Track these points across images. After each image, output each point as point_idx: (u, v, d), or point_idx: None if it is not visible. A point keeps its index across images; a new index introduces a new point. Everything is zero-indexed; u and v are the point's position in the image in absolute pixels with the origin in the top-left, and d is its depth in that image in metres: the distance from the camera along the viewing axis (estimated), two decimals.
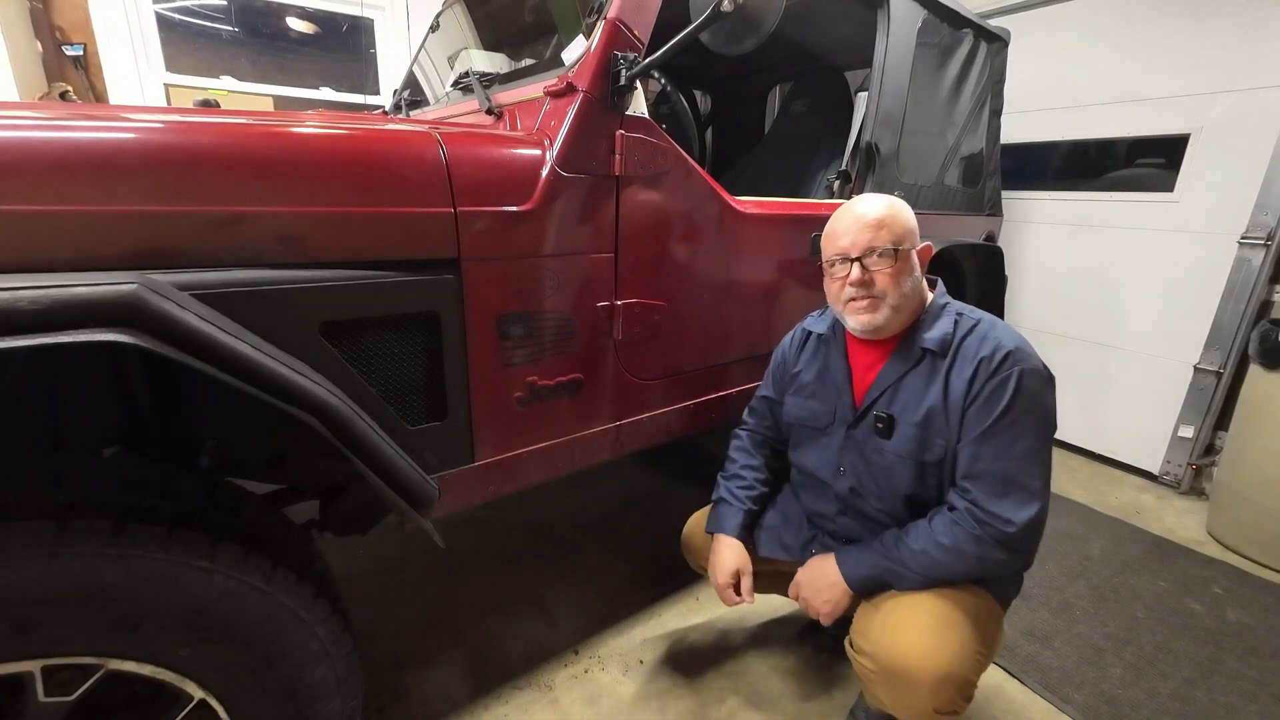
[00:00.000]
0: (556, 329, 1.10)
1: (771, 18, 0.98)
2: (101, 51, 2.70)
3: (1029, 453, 0.93)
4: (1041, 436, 0.95)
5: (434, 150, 0.91)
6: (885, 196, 1.07)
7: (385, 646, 1.44)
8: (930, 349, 1.01)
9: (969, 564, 0.95)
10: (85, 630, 0.65)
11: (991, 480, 0.93)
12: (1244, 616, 1.68)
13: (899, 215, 1.02)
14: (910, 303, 1.03)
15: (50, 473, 0.71)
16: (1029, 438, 0.93)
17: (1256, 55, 2.11)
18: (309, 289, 0.80)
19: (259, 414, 0.85)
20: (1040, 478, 0.94)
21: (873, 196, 1.07)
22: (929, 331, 1.02)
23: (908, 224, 1.03)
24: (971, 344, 0.98)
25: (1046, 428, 0.96)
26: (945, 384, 0.99)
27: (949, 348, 1.00)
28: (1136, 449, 2.57)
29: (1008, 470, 0.92)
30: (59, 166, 0.65)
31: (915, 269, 1.03)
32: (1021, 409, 0.93)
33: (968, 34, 1.93)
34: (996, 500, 0.93)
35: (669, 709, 1.30)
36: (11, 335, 0.53)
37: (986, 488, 0.94)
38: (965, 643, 0.92)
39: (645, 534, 1.97)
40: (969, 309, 1.05)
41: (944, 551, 0.95)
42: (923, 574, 0.97)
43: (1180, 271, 2.37)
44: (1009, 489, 0.92)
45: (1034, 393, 0.94)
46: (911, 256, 1.03)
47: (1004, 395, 0.93)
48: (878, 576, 1.01)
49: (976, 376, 0.96)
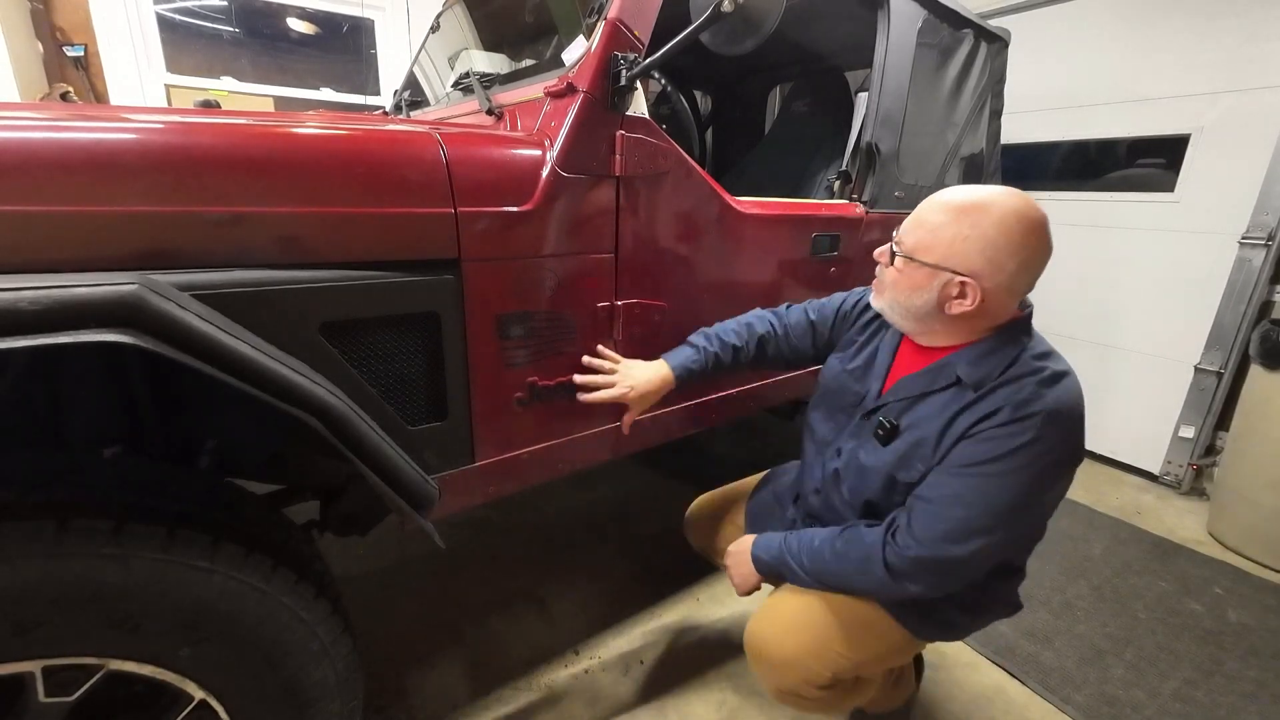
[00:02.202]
0: (557, 329, 1.10)
1: (772, 18, 0.98)
2: (102, 52, 2.70)
3: (991, 509, 0.84)
4: (1016, 504, 0.84)
5: (434, 150, 0.91)
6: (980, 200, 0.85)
7: (386, 647, 1.44)
8: (963, 380, 0.89)
9: (850, 571, 0.94)
10: (86, 630, 0.65)
11: (930, 511, 0.87)
12: (1244, 617, 1.68)
13: (950, 227, 0.85)
14: (912, 319, 0.93)
15: (51, 473, 0.71)
16: (999, 497, 0.84)
17: (1257, 55, 2.11)
18: (309, 289, 0.80)
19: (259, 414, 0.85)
20: (982, 528, 0.84)
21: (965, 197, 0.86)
22: (972, 365, 0.89)
23: (948, 242, 0.85)
24: (1009, 389, 0.85)
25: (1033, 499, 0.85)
26: (955, 416, 0.89)
27: (983, 388, 0.87)
28: (1137, 449, 2.57)
29: (954, 512, 0.85)
30: (60, 167, 0.65)
31: (928, 293, 0.88)
32: (1013, 467, 0.83)
33: (968, 34, 1.93)
34: (919, 528, 0.87)
35: (669, 709, 1.30)
36: (12, 335, 0.53)
37: (921, 514, 0.88)
38: (821, 640, 0.96)
39: (645, 534, 1.97)
40: (1040, 353, 0.89)
41: (834, 555, 0.96)
42: (811, 572, 0.99)
43: (1181, 272, 2.37)
44: (936, 524, 0.86)
45: (1037, 462, 0.83)
46: (929, 278, 0.87)
47: (1006, 445, 0.83)
48: (776, 563, 1.04)
49: (993, 416, 0.85)
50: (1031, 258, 0.85)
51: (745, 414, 1.61)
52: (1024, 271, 0.85)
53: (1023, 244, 0.83)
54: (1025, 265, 0.84)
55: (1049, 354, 0.90)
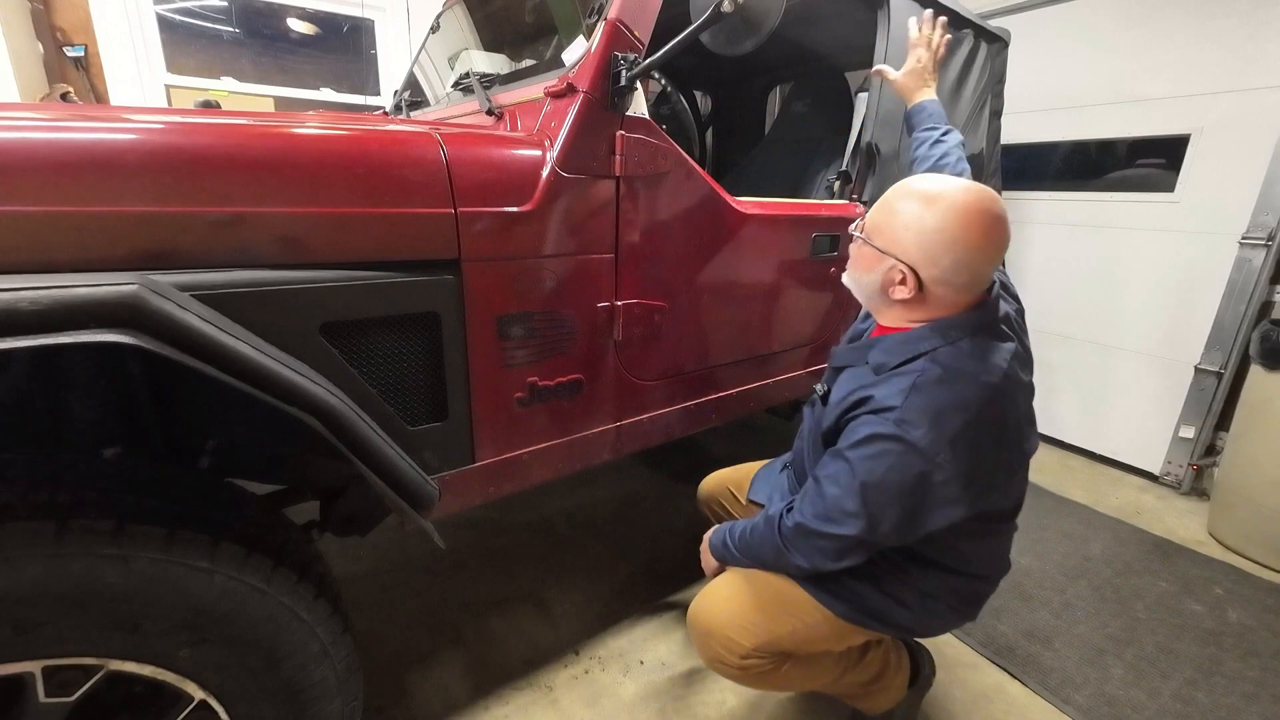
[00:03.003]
0: (557, 330, 1.10)
1: (772, 18, 0.98)
2: (102, 52, 2.71)
3: (851, 490, 0.86)
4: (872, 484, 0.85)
5: (434, 151, 0.91)
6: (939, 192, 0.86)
7: (386, 647, 1.44)
8: (869, 361, 0.95)
9: (758, 539, 1.04)
10: (86, 631, 0.65)
11: (813, 489, 0.94)
12: (1245, 617, 1.68)
13: (906, 214, 0.88)
14: (865, 297, 0.98)
15: (51, 473, 0.71)
16: (856, 478, 0.86)
17: (1257, 56, 2.11)
18: (309, 289, 0.80)
19: (260, 415, 0.85)
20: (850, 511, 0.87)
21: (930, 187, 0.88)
22: (886, 350, 0.93)
23: (899, 227, 0.88)
24: (893, 382, 0.88)
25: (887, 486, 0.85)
26: (852, 392, 0.93)
27: (881, 371, 0.92)
28: (1137, 449, 2.57)
29: (827, 490, 0.90)
30: (60, 167, 0.65)
31: (870, 273, 0.93)
32: (867, 455, 0.86)
33: (968, 34, 1.93)
34: (804, 503, 0.95)
35: (669, 709, 1.30)
36: (13, 335, 0.53)
37: (807, 490, 0.96)
38: (739, 610, 1.04)
39: (645, 534, 1.97)
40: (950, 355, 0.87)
41: (751, 531, 1.06)
42: (739, 549, 1.09)
43: (1181, 272, 2.37)
44: (816, 500, 0.92)
45: (888, 450, 0.84)
46: (874, 260, 0.91)
47: (860, 432, 0.87)
48: (720, 545, 1.14)
49: (863, 404, 0.89)
50: (969, 254, 0.85)
51: (745, 414, 1.61)
52: (961, 268, 0.85)
53: (961, 239, 0.84)
54: (961, 261, 0.85)
55: (965, 357, 0.87)
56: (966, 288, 0.89)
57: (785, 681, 1.09)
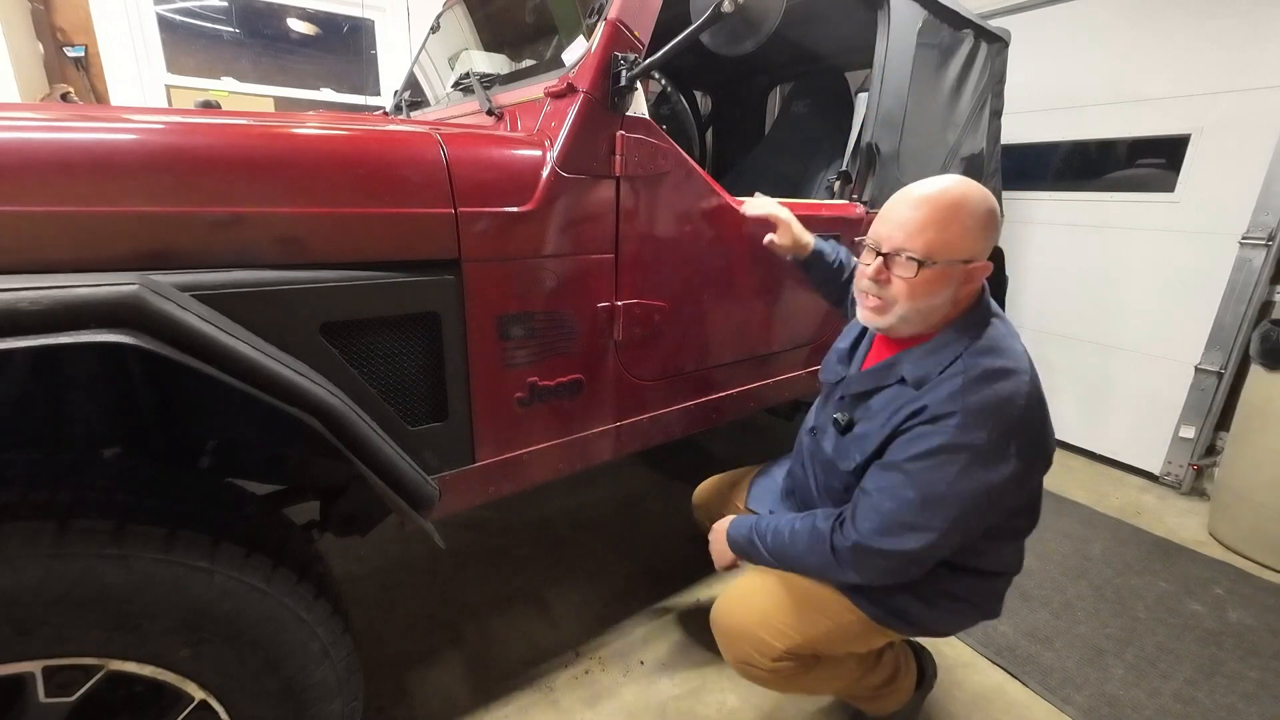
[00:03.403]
0: (557, 330, 1.10)
1: (772, 18, 0.98)
2: (103, 53, 2.71)
3: (911, 504, 0.86)
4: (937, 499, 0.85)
5: (434, 151, 0.91)
6: (961, 187, 0.89)
7: (386, 647, 1.44)
8: (906, 379, 0.93)
9: (800, 553, 1.00)
10: (86, 631, 0.65)
11: (867, 503, 0.91)
12: (1245, 617, 1.68)
13: (957, 220, 0.87)
14: (927, 319, 0.93)
15: (51, 474, 0.71)
16: (918, 492, 0.86)
17: (1257, 56, 2.11)
18: (310, 289, 0.80)
19: (260, 415, 0.85)
20: (912, 525, 0.86)
21: (945, 182, 0.90)
22: (917, 363, 0.93)
23: (964, 233, 0.87)
24: (941, 389, 0.88)
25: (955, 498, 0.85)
26: (896, 411, 0.92)
27: (923, 385, 0.91)
28: (1137, 449, 2.57)
29: (882, 504, 0.89)
30: (61, 168, 0.65)
31: (948, 288, 0.89)
32: (930, 466, 0.85)
33: (968, 34, 1.93)
34: (859, 520, 0.92)
35: (669, 710, 1.30)
36: (13, 336, 0.53)
37: (860, 505, 0.93)
38: (772, 612, 1.02)
39: (646, 534, 1.97)
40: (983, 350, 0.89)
41: (791, 535, 1.01)
42: (773, 551, 1.04)
43: (1181, 272, 2.37)
44: (873, 516, 0.90)
45: (954, 461, 0.84)
46: (949, 274, 0.88)
47: (922, 445, 0.86)
48: (745, 543, 1.10)
49: (919, 415, 0.88)
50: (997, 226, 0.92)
51: (745, 414, 1.60)
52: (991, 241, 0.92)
53: (991, 216, 0.90)
54: (993, 235, 0.92)
55: (995, 350, 0.89)
56: None
57: (812, 684, 1.08)
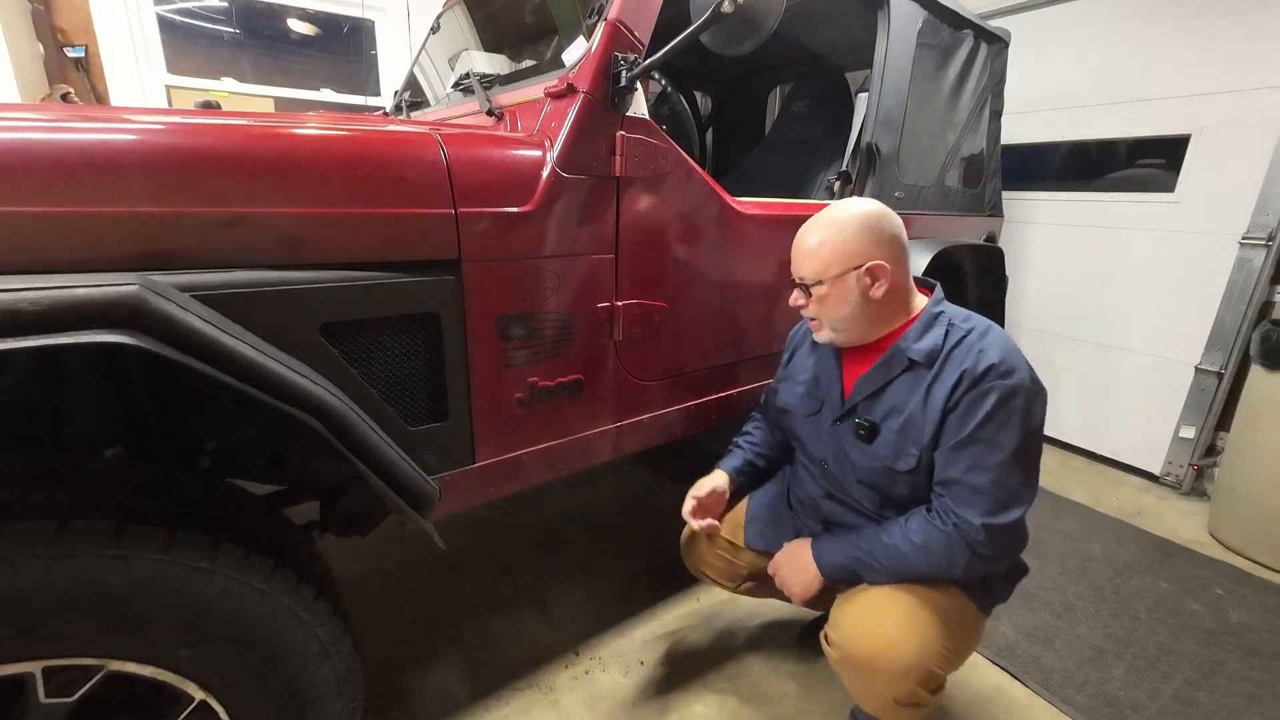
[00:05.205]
0: (557, 330, 1.10)
1: (772, 19, 0.98)
2: (103, 53, 2.71)
3: (1004, 465, 0.91)
4: (1021, 449, 0.92)
5: (435, 151, 0.91)
6: (833, 210, 1.02)
7: (386, 647, 1.44)
8: (916, 360, 0.99)
9: (937, 562, 0.95)
10: (86, 631, 0.65)
11: (963, 489, 0.93)
12: (1245, 617, 1.68)
13: (829, 240, 0.99)
14: (858, 321, 1.02)
15: (51, 474, 0.71)
16: (1004, 451, 0.91)
17: (1257, 56, 2.11)
18: (310, 290, 0.80)
19: (260, 415, 0.85)
20: (1015, 488, 0.92)
21: (820, 218, 1.03)
22: (918, 343, 0.99)
23: (841, 247, 0.98)
24: (958, 355, 0.96)
25: (1029, 439, 0.93)
26: (927, 393, 0.97)
27: (936, 359, 0.97)
28: (1138, 450, 2.57)
29: (980, 481, 0.92)
30: (61, 168, 0.65)
31: (853, 293, 0.99)
32: (999, 423, 0.91)
33: (968, 35, 1.93)
34: (968, 507, 0.92)
35: (669, 710, 1.30)
36: (13, 336, 0.53)
37: (958, 495, 0.94)
38: (929, 637, 0.94)
39: (645, 534, 1.97)
40: (963, 317, 1.01)
41: (914, 549, 0.96)
42: (891, 568, 0.98)
43: (1181, 272, 2.37)
44: (979, 498, 0.92)
45: (1014, 408, 0.91)
46: (842, 284, 0.99)
47: (981, 408, 0.91)
48: (848, 566, 1.03)
49: (959, 386, 0.94)
50: (891, 226, 1.00)
51: (745, 414, 1.60)
52: (894, 241, 1.00)
53: (879, 216, 1.00)
54: (892, 234, 1.00)
55: (966, 315, 1.02)
56: (907, 257, 1.03)
57: None
